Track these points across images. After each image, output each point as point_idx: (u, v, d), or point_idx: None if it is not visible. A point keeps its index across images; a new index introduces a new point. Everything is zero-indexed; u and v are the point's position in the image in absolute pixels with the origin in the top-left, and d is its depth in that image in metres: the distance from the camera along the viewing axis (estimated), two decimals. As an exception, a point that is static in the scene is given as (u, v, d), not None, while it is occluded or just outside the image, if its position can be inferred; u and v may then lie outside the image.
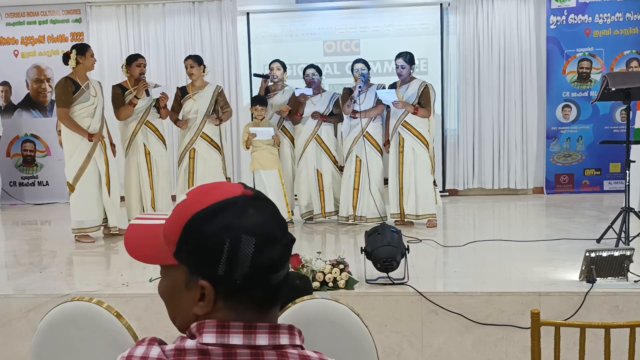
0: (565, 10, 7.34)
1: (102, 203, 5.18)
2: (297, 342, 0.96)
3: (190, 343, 0.92)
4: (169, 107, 5.65)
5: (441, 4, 7.55)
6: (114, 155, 5.40)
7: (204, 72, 5.62)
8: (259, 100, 5.59)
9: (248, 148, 5.60)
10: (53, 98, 7.99)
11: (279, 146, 5.66)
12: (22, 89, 8.05)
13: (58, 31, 7.91)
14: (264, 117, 5.60)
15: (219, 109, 5.65)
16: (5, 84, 8.07)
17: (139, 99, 5.33)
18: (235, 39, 7.68)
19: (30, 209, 7.63)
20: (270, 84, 5.80)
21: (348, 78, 7.44)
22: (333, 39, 7.72)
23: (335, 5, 7.66)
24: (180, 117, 5.69)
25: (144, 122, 5.43)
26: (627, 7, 7.28)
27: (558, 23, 7.37)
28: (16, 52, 7.99)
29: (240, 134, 7.50)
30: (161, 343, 0.95)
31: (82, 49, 5.12)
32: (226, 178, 5.76)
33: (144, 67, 5.43)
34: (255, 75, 5.89)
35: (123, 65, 5.51)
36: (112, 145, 5.41)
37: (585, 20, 7.33)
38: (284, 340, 0.94)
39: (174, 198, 5.76)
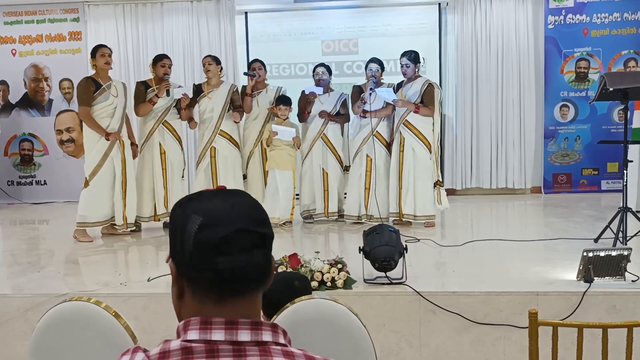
0: (563, 10, 7.35)
1: (113, 202, 5.22)
2: (281, 340, 0.98)
3: (174, 343, 0.95)
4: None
5: (439, 4, 7.55)
6: (135, 157, 5.45)
7: (220, 72, 5.67)
8: (283, 100, 5.57)
9: (269, 146, 5.58)
10: (51, 97, 7.99)
11: (299, 148, 5.65)
12: (20, 88, 8.04)
13: (56, 30, 7.90)
14: (287, 117, 5.58)
15: (233, 107, 5.67)
16: (3, 83, 8.05)
17: (159, 97, 5.39)
18: (234, 38, 7.67)
19: (28, 208, 7.62)
20: (252, 83, 5.75)
21: (346, 77, 7.47)
22: (331, 38, 7.71)
23: (334, 5, 7.66)
24: (197, 116, 5.73)
25: (161, 122, 5.48)
26: (625, 7, 7.29)
27: (556, 23, 7.38)
28: (14, 51, 7.98)
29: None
30: (145, 351, 0.99)
31: (93, 51, 5.24)
32: (244, 176, 5.76)
33: (169, 68, 5.52)
34: (245, 73, 5.88)
35: (150, 64, 5.62)
36: (135, 145, 5.47)
37: (583, 20, 7.34)
38: (266, 337, 0.97)
39: None
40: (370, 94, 5.43)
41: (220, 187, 1.07)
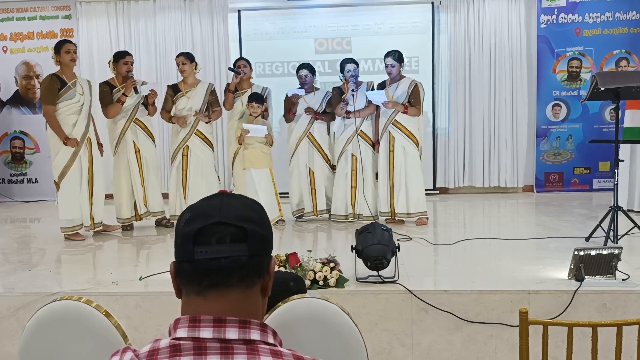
0: (556, 10, 7.38)
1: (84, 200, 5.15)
2: (270, 339, 0.98)
3: (164, 342, 0.97)
4: (159, 106, 5.64)
5: (432, 3, 7.56)
6: (102, 155, 5.37)
7: (195, 69, 5.59)
8: (255, 98, 5.56)
9: (241, 144, 5.58)
10: (42, 95, 7.95)
11: (271, 145, 5.64)
12: (11, 85, 7.99)
13: (47, 27, 7.85)
14: (259, 115, 5.57)
15: (210, 107, 5.63)
16: (-6, 80, 8.01)
17: (127, 96, 5.30)
18: (227, 37, 7.65)
19: (19, 207, 7.58)
20: (237, 80, 5.69)
21: (340, 76, 7.46)
22: (324, 36, 7.71)
23: (327, 3, 7.65)
24: (172, 115, 5.65)
25: (132, 120, 5.40)
26: (616, 7, 7.32)
27: (548, 22, 7.40)
28: (5, 48, 7.92)
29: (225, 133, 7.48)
30: (135, 351, 1.00)
31: (57, 47, 5.07)
32: (217, 175, 5.74)
33: (132, 65, 5.40)
34: (230, 69, 5.84)
35: (110, 61, 5.48)
36: (100, 145, 5.36)
37: (575, 19, 7.37)
38: (254, 335, 0.97)
39: (164, 195, 5.73)
40: (352, 94, 5.44)
41: (222, 192, 1.12)
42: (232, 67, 5.84)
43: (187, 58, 5.54)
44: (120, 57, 5.39)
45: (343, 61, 5.65)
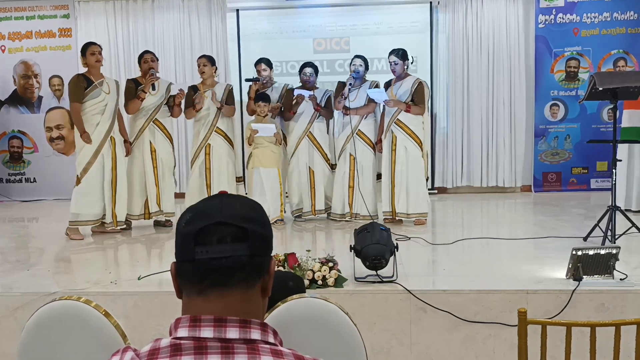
0: (554, 10, 7.39)
1: (104, 199, 5.19)
2: (270, 339, 0.99)
3: (164, 341, 0.97)
4: (183, 106, 5.68)
5: (431, 2, 7.57)
6: (127, 154, 5.44)
7: (215, 73, 5.68)
8: (262, 97, 5.58)
9: (251, 144, 5.59)
10: (40, 94, 7.94)
11: (280, 144, 5.65)
12: (9, 84, 7.98)
13: (46, 27, 7.84)
14: (267, 114, 5.59)
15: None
16: (-8, 79, 8.00)
17: (146, 93, 5.39)
18: (225, 36, 7.65)
19: (18, 206, 7.57)
20: (255, 87, 5.75)
21: (338, 76, 7.46)
22: (323, 36, 7.71)
23: (326, 3, 7.66)
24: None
25: (152, 120, 5.48)
26: (614, 7, 7.34)
27: (546, 22, 7.42)
28: (3, 48, 7.91)
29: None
30: (135, 350, 1.00)
31: (83, 50, 5.25)
32: (236, 177, 5.76)
33: (152, 62, 5.50)
34: (247, 80, 5.90)
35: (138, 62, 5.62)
36: (128, 142, 5.46)
37: (573, 19, 7.38)
38: (255, 335, 0.97)
39: (176, 195, 5.76)
40: (350, 89, 5.45)
41: (222, 192, 1.10)
42: (248, 77, 5.91)
43: (208, 60, 5.65)
44: (141, 57, 5.56)
45: (354, 56, 5.66)
